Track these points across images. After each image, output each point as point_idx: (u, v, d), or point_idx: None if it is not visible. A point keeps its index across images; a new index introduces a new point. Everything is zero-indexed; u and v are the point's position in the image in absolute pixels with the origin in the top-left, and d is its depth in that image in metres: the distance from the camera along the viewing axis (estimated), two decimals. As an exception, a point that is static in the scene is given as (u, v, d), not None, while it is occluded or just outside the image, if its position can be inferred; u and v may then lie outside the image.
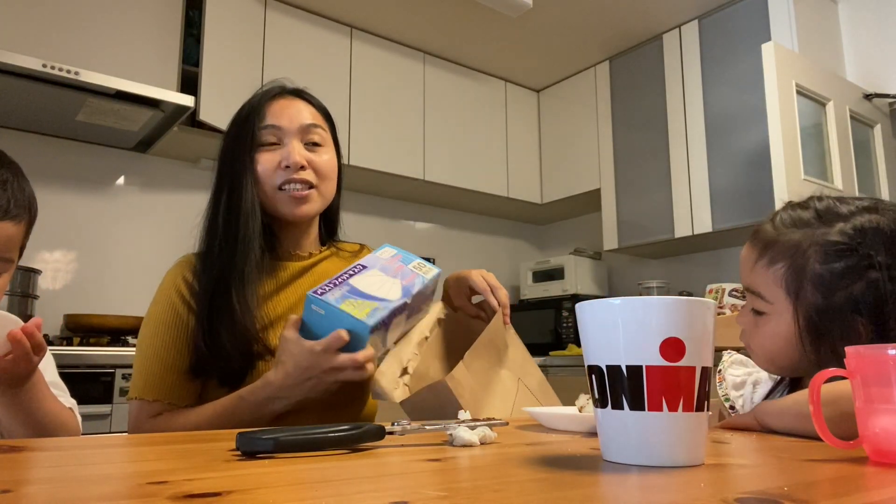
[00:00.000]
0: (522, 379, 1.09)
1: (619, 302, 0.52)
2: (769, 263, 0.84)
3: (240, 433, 0.57)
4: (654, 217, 3.27)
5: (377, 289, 0.95)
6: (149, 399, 1.00)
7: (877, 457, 0.54)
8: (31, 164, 2.60)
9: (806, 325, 0.80)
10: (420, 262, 1.05)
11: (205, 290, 1.03)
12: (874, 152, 2.90)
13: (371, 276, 0.97)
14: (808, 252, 0.80)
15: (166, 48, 2.64)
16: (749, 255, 0.87)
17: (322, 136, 1.13)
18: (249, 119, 1.11)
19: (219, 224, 1.07)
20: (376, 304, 0.93)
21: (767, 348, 0.85)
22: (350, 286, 0.94)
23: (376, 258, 1.02)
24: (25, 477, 0.47)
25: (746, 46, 2.95)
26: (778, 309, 0.83)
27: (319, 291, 0.92)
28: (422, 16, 3.20)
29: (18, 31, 2.30)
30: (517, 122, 3.89)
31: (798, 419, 0.70)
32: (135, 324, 2.48)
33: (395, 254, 1.04)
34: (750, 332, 0.88)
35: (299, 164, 1.07)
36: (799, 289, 0.81)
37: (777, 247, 0.83)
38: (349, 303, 0.91)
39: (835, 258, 0.79)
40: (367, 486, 0.44)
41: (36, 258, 2.60)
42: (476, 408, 0.96)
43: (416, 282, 1.00)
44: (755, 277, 0.85)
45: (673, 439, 0.51)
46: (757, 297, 0.85)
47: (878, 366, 0.54)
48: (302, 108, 1.13)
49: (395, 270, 1.00)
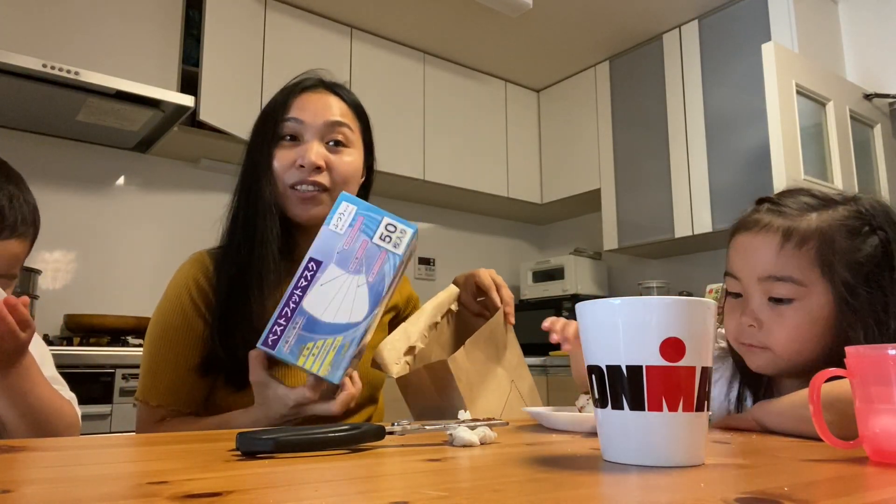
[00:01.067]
0: (515, 381, 1.10)
1: (619, 302, 0.52)
2: (798, 245, 0.82)
3: (240, 433, 0.57)
4: (654, 217, 3.27)
5: (337, 308, 0.80)
6: (153, 404, 0.98)
7: (877, 457, 0.54)
8: (31, 164, 2.62)
9: (844, 303, 0.80)
10: (389, 221, 0.85)
11: (222, 289, 0.99)
12: (874, 152, 2.90)
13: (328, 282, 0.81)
14: (832, 230, 0.82)
15: (166, 48, 2.64)
16: (767, 241, 0.84)
17: (348, 135, 1.06)
18: (275, 110, 1.05)
19: (238, 222, 1.03)
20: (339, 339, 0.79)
21: (796, 338, 0.82)
22: (304, 316, 0.79)
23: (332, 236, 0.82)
24: (25, 477, 0.47)
25: (746, 46, 2.95)
26: (812, 291, 0.81)
27: (270, 340, 0.79)
28: (422, 16, 3.20)
29: (18, 31, 2.31)
30: (517, 122, 3.89)
31: (798, 421, 0.70)
32: (135, 324, 2.49)
33: (355, 216, 0.84)
34: (769, 326, 0.83)
35: (314, 165, 1.01)
36: (832, 266, 0.81)
37: (800, 230, 0.82)
38: (307, 351, 0.78)
39: (856, 234, 0.82)
40: (367, 486, 0.44)
41: (36, 258, 2.60)
42: (470, 397, 0.96)
43: (387, 269, 0.83)
44: (783, 262, 0.82)
45: (673, 439, 0.51)
46: (786, 283, 0.82)
47: (878, 366, 0.54)
48: (332, 103, 1.06)
49: (358, 256, 0.82)
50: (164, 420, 0.99)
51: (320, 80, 1.10)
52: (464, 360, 0.97)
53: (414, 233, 0.86)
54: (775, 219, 0.85)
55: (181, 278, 1.03)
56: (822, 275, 0.81)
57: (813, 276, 0.81)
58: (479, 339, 1.02)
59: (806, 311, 0.82)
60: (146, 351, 1.01)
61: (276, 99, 1.07)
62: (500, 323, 1.09)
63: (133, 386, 2.14)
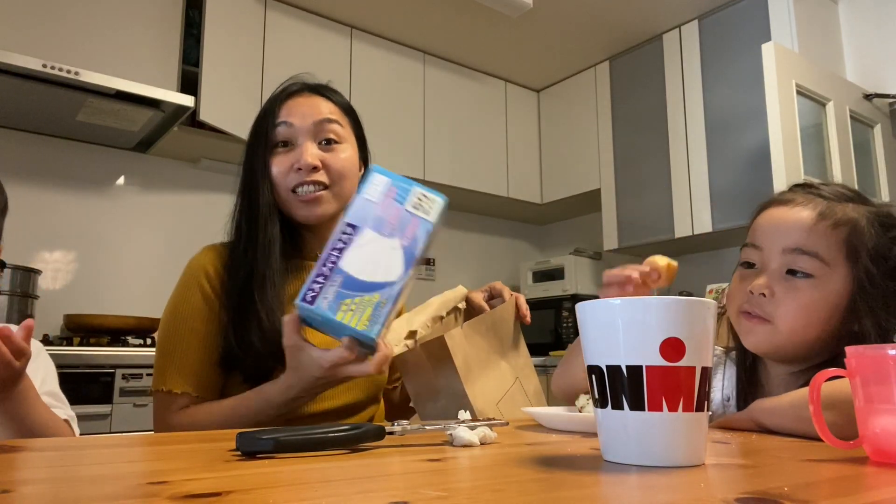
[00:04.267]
0: (521, 381, 1.10)
1: (619, 302, 0.52)
2: (833, 226, 0.83)
3: (240, 433, 0.57)
4: (654, 217, 3.27)
5: (374, 268, 0.82)
6: (177, 391, 0.98)
7: (877, 457, 0.54)
8: (31, 164, 2.63)
9: (861, 292, 0.82)
10: (420, 192, 0.88)
11: (233, 289, 1.02)
12: (874, 152, 2.90)
13: (364, 245, 0.83)
14: (866, 222, 0.84)
15: (166, 48, 2.64)
16: (804, 216, 0.85)
17: (339, 132, 1.09)
18: (266, 117, 1.08)
19: (242, 226, 1.06)
20: (377, 296, 0.81)
21: (804, 315, 0.82)
22: (342, 275, 0.81)
23: (366, 204, 0.85)
24: (25, 477, 0.47)
25: (746, 46, 2.95)
26: (833, 273, 0.82)
27: (309, 297, 0.81)
28: (422, 16, 3.20)
29: (18, 31, 2.31)
30: (517, 122, 3.89)
31: (798, 421, 0.70)
32: (135, 324, 2.48)
33: (388, 186, 0.87)
34: (781, 297, 0.83)
35: (311, 166, 1.04)
36: (858, 255, 0.83)
37: (836, 213, 0.84)
38: (345, 307, 0.81)
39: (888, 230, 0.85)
40: (367, 486, 0.44)
41: (36, 258, 2.61)
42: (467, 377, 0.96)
43: (420, 234, 0.85)
44: (814, 237, 0.83)
45: (673, 439, 0.51)
46: (811, 258, 0.82)
47: (878, 366, 0.54)
48: (319, 104, 1.10)
49: (392, 221, 0.85)
50: (187, 408, 0.99)
51: (304, 83, 1.13)
52: (461, 340, 0.97)
53: (444, 203, 0.89)
54: (814, 198, 0.87)
55: (196, 265, 1.05)
56: (846, 259, 0.83)
57: (839, 258, 0.83)
58: (479, 325, 1.03)
59: (821, 291, 0.82)
60: (164, 339, 1.02)
61: (264, 108, 1.10)
62: (506, 318, 1.09)
63: (133, 386, 2.14)
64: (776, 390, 0.85)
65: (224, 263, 1.05)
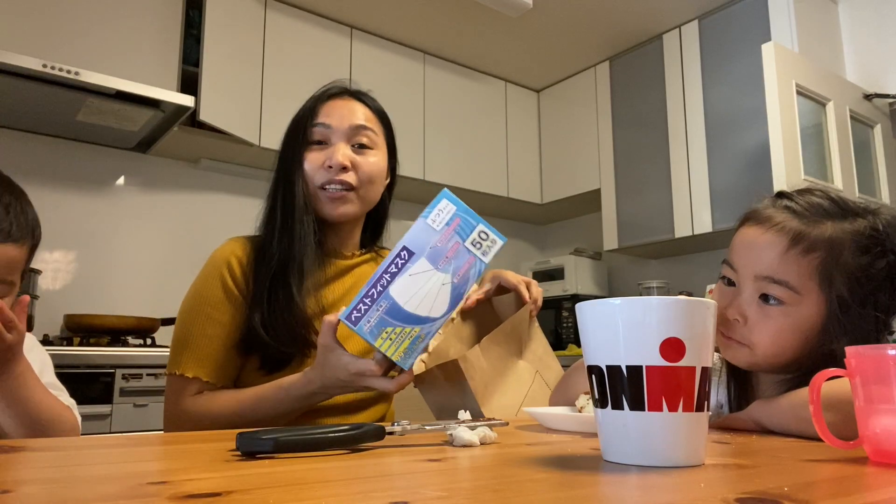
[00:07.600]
0: (540, 371, 1.11)
1: (619, 302, 0.52)
2: (804, 252, 0.80)
3: (240, 433, 0.57)
4: (654, 217, 3.27)
5: (420, 300, 0.82)
6: (189, 376, 1.01)
7: (877, 457, 0.54)
8: (31, 164, 2.63)
9: (835, 318, 0.79)
10: (483, 230, 0.86)
11: (264, 276, 1.04)
12: (874, 152, 2.90)
13: (416, 274, 0.83)
14: (842, 244, 0.80)
15: (166, 48, 2.64)
16: (775, 242, 0.82)
17: (372, 138, 1.14)
18: (304, 117, 1.13)
19: (277, 217, 1.09)
20: (417, 329, 0.82)
21: (778, 342, 0.81)
22: (389, 301, 0.82)
23: (428, 230, 0.84)
24: (25, 477, 0.47)
25: (746, 46, 2.95)
26: (804, 300, 0.80)
27: (353, 317, 0.82)
28: (422, 16, 3.20)
29: (18, 31, 2.30)
30: (517, 122, 3.89)
31: (798, 421, 0.70)
32: (135, 324, 2.48)
33: (453, 216, 0.86)
34: (754, 324, 0.82)
35: (341, 165, 1.08)
36: (831, 281, 0.80)
37: (811, 237, 0.80)
38: (385, 334, 0.82)
39: (866, 252, 0.80)
40: (367, 486, 0.44)
41: (36, 258, 2.58)
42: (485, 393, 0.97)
43: (472, 274, 0.85)
44: (784, 266, 0.81)
45: (673, 439, 0.51)
46: (781, 287, 0.80)
47: (878, 366, 0.54)
48: (356, 108, 1.14)
49: (449, 255, 0.84)
50: (200, 394, 1.01)
51: (345, 87, 1.18)
52: (477, 359, 0.98)
53: (503, 244, 0.88)
54: (789, 220, 0.83)
55: (220, 256, 1.08)
56: (819, 286, 0.80)
57: (810, 285, 0.80)
58: (498, 336, 1.04)
59: (793, 318, 0.81)
60: (182, 324, 1.05)
61: (305, 106, 1.15)
62: (524, 319, 1.10)
63: (133, 386, 2.14)
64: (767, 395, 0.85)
65: (249, 254, 1.08)
